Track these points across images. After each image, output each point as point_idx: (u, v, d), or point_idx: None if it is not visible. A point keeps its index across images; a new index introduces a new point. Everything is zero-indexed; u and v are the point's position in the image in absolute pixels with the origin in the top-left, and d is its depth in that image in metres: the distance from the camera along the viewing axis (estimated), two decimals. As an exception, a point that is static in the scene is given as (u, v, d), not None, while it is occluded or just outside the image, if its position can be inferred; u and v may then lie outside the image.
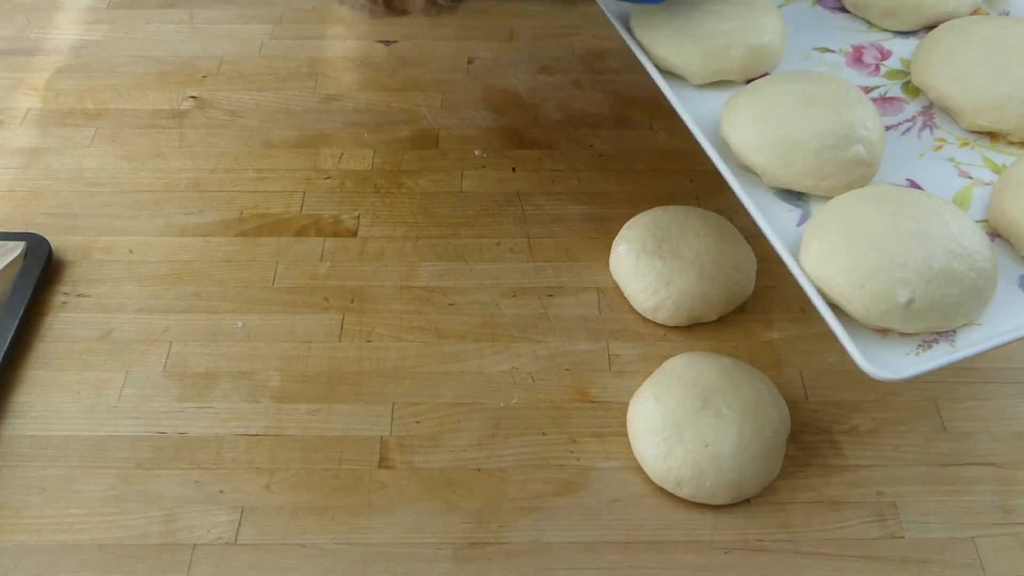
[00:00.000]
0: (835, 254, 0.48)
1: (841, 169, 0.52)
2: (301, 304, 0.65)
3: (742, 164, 0.55)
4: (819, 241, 0.49)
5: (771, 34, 0.59)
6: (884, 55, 0.62)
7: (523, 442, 0.58)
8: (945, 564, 0.52)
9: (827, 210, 0.51)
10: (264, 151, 0.75)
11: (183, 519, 0.54)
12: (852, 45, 0.63)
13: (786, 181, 0.53)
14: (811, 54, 0.62)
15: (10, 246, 0.65)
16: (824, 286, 0.49)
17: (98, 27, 0.86)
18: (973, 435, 0.58)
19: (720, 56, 0.58)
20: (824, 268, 0.49)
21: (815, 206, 0.54)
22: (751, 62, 0.59)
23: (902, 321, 0.47)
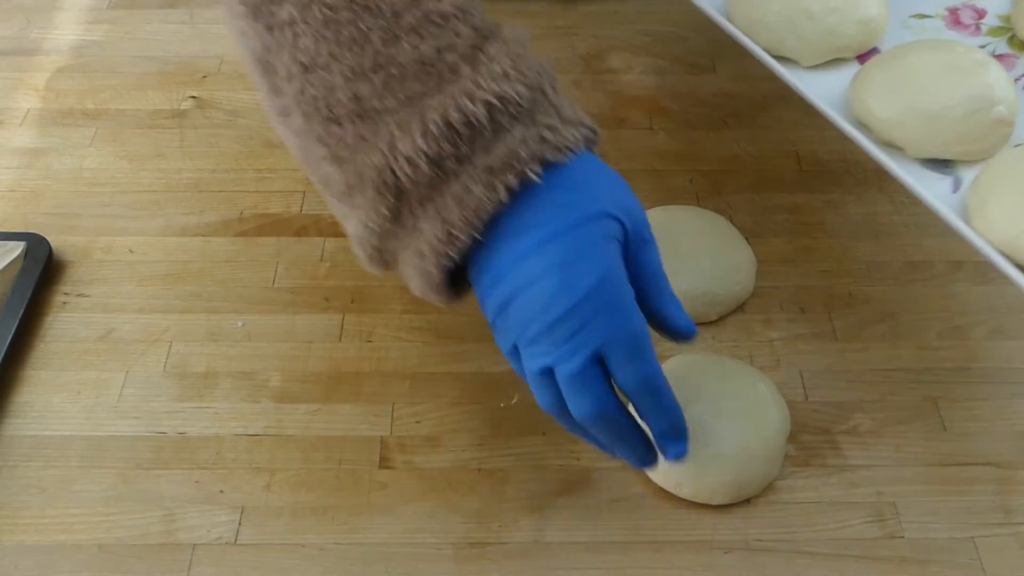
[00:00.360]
0: (1015, 214, 0.48)
1: (987, 131, 0.53)
2: (301, 304, 0.65)
3: (883, 140, 0.55)
4: (994, 205, 0.49)
5: (878, 6, 0.59)
6: (980, 14, 0.62)
7: (523, 442, 0.58)
8: (945, 564, 0.52)
9: (989, 173, 0.51)
10: (264, 151, 0.75)
11: (183, 519, 0.54)
12: (947, 8, 0.63)
13: (934, 151, 0.54)
14: (910, 22, 0.62)
15: (10, 246, 0.65)
16: (1008, 248, 0.48)
17: (98, 27, 0.86)
18: (973, 435, 0.58)
19: (834, 34, 0.58)
20: (1005, 230, 0.49)
21: (964, 171, 0.54)
22: (863, 37, 0.59)
23: None
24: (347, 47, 0.45)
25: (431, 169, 0.45)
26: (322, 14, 0.46)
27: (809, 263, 0.67)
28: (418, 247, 0.47)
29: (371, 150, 0.46)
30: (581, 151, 0.48)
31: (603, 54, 0.84)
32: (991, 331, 0.63)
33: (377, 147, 0.46)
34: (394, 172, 0.45)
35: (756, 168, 0.74)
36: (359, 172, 0.46)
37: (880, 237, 0.69)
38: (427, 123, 0.45)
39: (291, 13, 0.46)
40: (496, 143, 0.45)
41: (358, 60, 0.45)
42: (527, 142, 0.46)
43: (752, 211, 0.71)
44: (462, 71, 0.46)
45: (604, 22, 0.88)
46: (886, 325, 0.64)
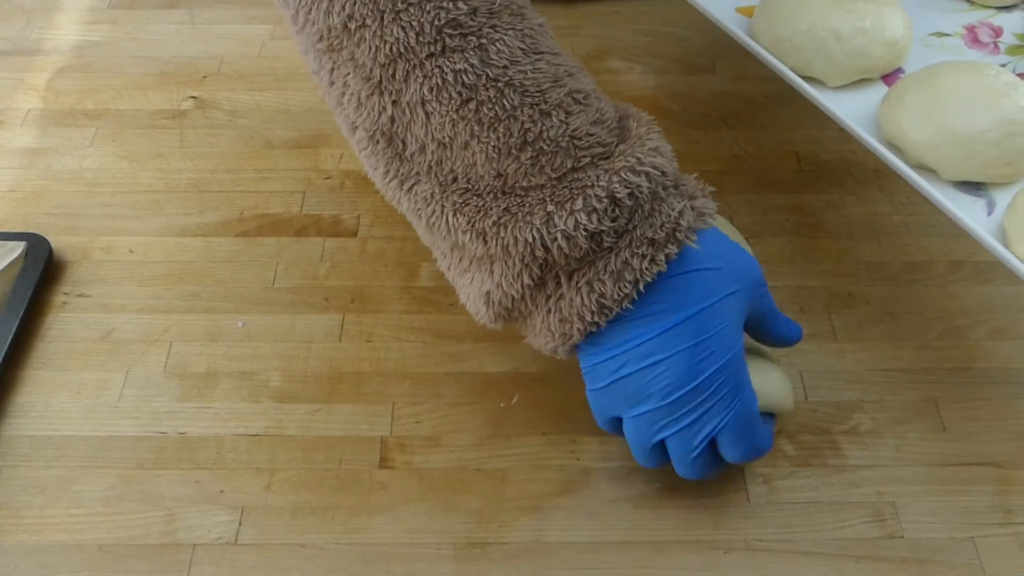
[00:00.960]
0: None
1: (1021, 153, 0.54)
2: (301, 304, 0.65)
3: (915, 162, 0.55)
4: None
5: (903, 28, 0.60)
6: (996, 32, 0.63)
7: (523, 442, 0.58)
8: (945, 564, 0.52)
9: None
10: (264, 151, 0.75)
11: (183, 519, 0.54)
12: (963, 26, 0.63)
13: (968, 174, 0.54)
14: (929, 40, 0.63)
15: (10, 246, 0.65)
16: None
17: (98, 27, 0.86)
18: (973, 435, 0.58)
19: (861, 55, 0.58)
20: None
21: (997, 194, 0.54)
22: (890, 58, 0.59)
23: None
24: (490, 127, 0.45)
25: (589, 243, 0.45)
26: (459, 95, 0.45)
27: (809, 263, 0.67)
28: (561, 313, 0.47)
29: (520, 225, 0.46)
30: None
31: (603, 54, 0.84)
32: (991, 331, 0.63)
33: (529, 222, 0.45)
34: (546, 247, 0.46)
35: (756, 168, 0.74)
36: (504, 245, 0.46)
37: (880, 237, 0.69)
38: (589, 198, 0.45)
39: (422, 93, 0.45)
40: (656, 215, 0.46)
41: (504, 139, 0.45)
42: (685, 212, 0.47)
43: (752, 211, 0.71)
44: (616, 147, 0.46)
45: (604, 22, 0.88)
46: (886, 325, 0.64)
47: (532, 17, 0.47)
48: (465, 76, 0.44)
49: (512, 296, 0.48)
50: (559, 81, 0.46)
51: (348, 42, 0.46)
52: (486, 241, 0.47)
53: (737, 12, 0.64)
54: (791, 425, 0.58)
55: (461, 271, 0.50)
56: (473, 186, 0.46)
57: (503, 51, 0.45)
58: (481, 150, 0.45)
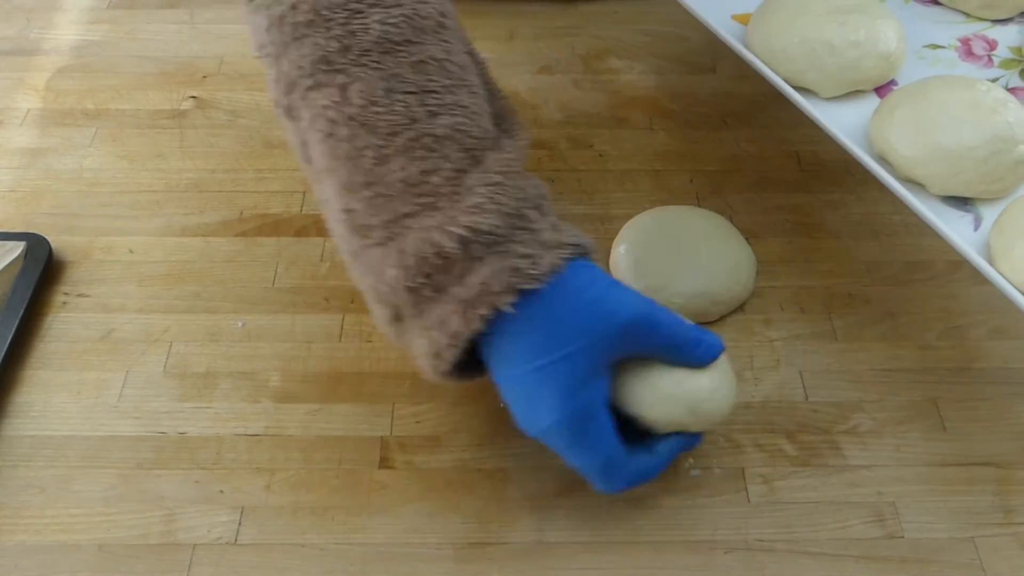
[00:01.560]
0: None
1: (1008, 170, 0.54)
2: (301, 304, 0.65)
3: (903, 176, 0.55)
4: (1020, 245, 0.50)
5: (897, 40, 0.60)
6: (991, 45, 0.63)
7: (523, 442, 0.57)
8: (945, 564, 0.52)
9: (1014, 214, 0.52)
10: (264, 151, 0.75)
11: (183, 519, 0.54)
12: (958, 38, 0.63)
13: (955, 189, 0.54)
14: (924, 52, 0.63)
15: (10, 246, 0.65)
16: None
17: (98, 27, 0.86)
18: (973, 435, 0.58)
19: (854, 68, 0.59)
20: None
21: (984, 209, 0.55)
22: (883, 70, 0.59)
23: None
24: (343, 162, 0.46)
25: (410, 296, 0.47)
26: (324, 128, 0.46)
27: (809, 263, 0.67)
28: (418, 348, 0.49)
29: (360, 266, 0.48)
30: (563, 272, 0.47)
31: (603, 54, 0.84)
32: (991, 331, 0.63)
33: (368, 265, 0.48)
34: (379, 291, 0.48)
35: (756, 168, 0.74)
36: (356, 278, 0.50)
37: (880, 237, 0.69)
38: (403, 256, 0.46)
39: (307, 121, 0.47)
40: (469, 275, 0.46)
41: (351, 176, 0.46)
42: (499, 274, 0.46)
43: (752, 211, 0.71)
44: (440, 202, 0.46)
45: (604, 22, 0.88)
46: (886, 325, 0.64)
47: (426, 51, 0.47)
48: (328, 111, 0.46)
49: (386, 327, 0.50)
50: (415, 123, 0.46)
51: (266, 66, 0.49)
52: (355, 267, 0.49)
53: (733, 19, 0.64)
54: (791, 425, 0.58)
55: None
56: (339, 218, 0.49)
57: (363, 90, 0.45)
58: (332, 184, 0.47)
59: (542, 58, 0.83)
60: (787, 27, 0.59)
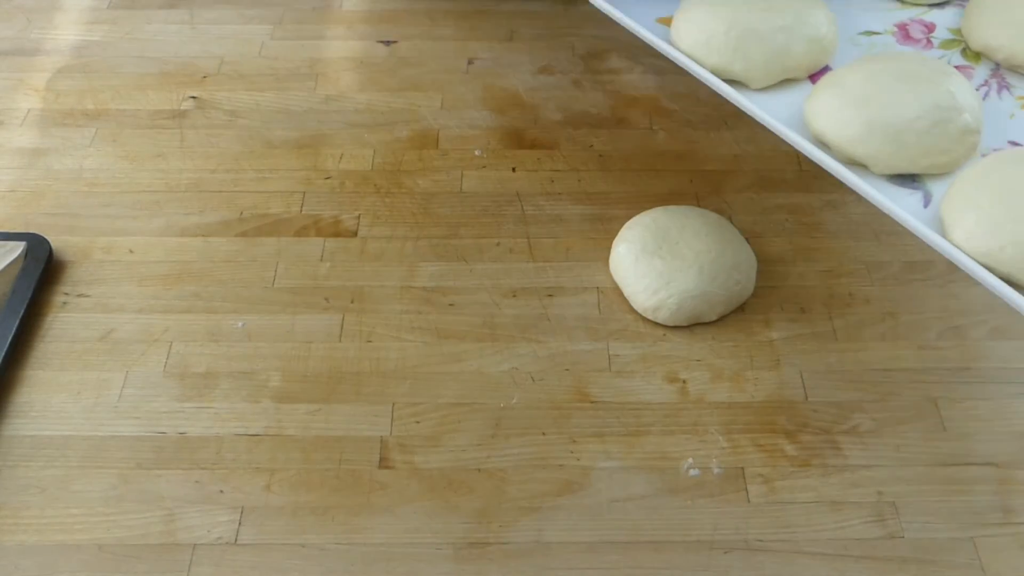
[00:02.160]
0: (997, 224, 0.46)
1: (954, 142, 0.51)
2: (301, 304, 0.65)
3: (845, 157, 0.52)
4: (972, 214, 0.47)
5: (827, 24, 0.57)
6: (929, 28, 0.62)
7: (523, 442, 0.58)
8: (945, 564, 0.52)
9: (963, 184, 0.49)
10: (264, 151, 0.75)
11: (183, 519, 0.54)
12: (895, 24, 0.62)
13: (900, 166, 0.51)
14: (859, 39, 0.61)
15: (10, 246, 0.65)
16: (993, 261, 0.46)
17: (98, 27, 0.86)
18: (973, 435, 0.58)
19: (783, 54, 0.56)
20: (986, 241, 0.47)
21: (933, 186, 0.52)
22: (814, 56, 0.57)
23: None
24: None
25: None
26: None
27: (809, 263, 0.67)
28: None
29: None
30: None
31: (603, 54, 0.84)
32: (991, 331, 0.63)
33: None
34: None
35: (756, 168, 0.74)
36: None
37: (880, 237, 0.69)
38: None
39: None
40: None
41: None
42: None
43: (752, 211, 0.71)
44: None
45: (604, 22, 0.87)
46: (886, 325, 0.64)
47: None
48: None
49: None
50: None
51: None
52: None
53: (657, 22, 0.62)
54: (791, 425, 0.58)
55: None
56: None
57: None
58: None
59: (542, 58, 0.84)
60: (710, 18, 0.57)
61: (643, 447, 0.57)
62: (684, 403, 0.59)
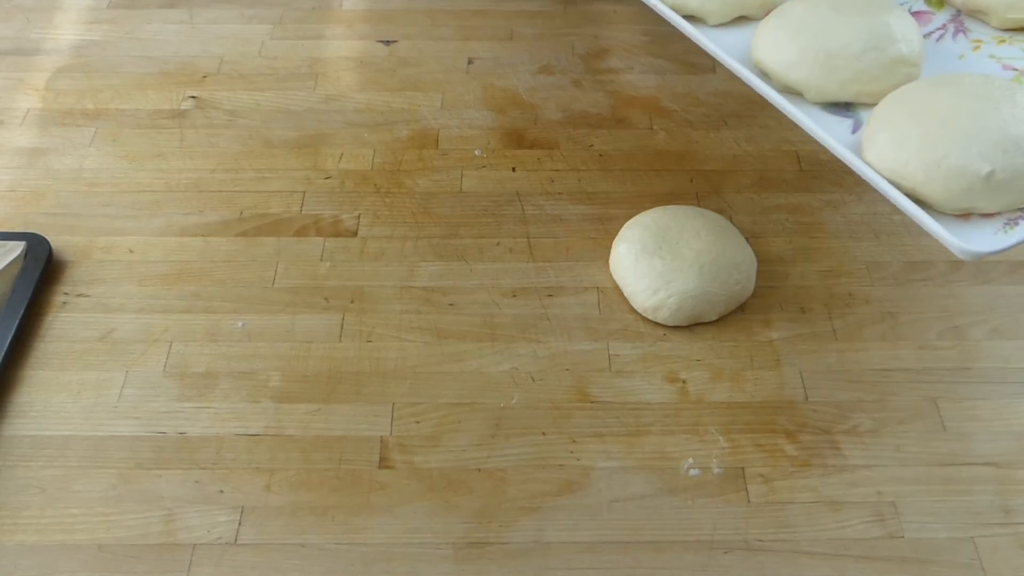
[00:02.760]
0: (904, 140, 0.47)
1: (886, 70, 0.52)
2: (301, 304, 0.65)
3: (783, 86, 0.54)
4: (884, 133, 0.48)
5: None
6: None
7: (523, 442, 0.58)
8: (945, 564, 0.52)
9: (884, 105, 0.50)
10: (264, 151, 0.75)
11: (183, 519, 0.54)
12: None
13: (832, 91, 0.52)
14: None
15: (10, 246, 0.65)
16: (897, 176, 0.47)
17: (98, 27, 0.86)
18: (973, 435, 0.58)
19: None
20: (894, 157, 0.48)
21: (864, 114, 0.53)
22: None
23: (985, 197, 0.46)
24: None
25: None
26: None
27: (809, 263, 0.67)
28: None
29: None
30: None
31: (603, 54, 0.84)
32: (991, 331, 0.63)
33: None
34: None
35: (756, 168, 0.74)
36: None
37: (880, 237, 0.69)
38: None
39: None
40: None
41: None
42: None
43: (752, 211, 0.71)
44: None
45: (604, 22, 0.88)
46: (886, 325, 0.64)
47: None
48: None
49: None
50: None
51: None
52: None
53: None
54: (791, 425, 0.58)
55: None
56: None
57: None
58: None
59: (542, 58, 0.84)
60: None
61: (643, 447, 0.57)
62: (684, 403, 0.59)
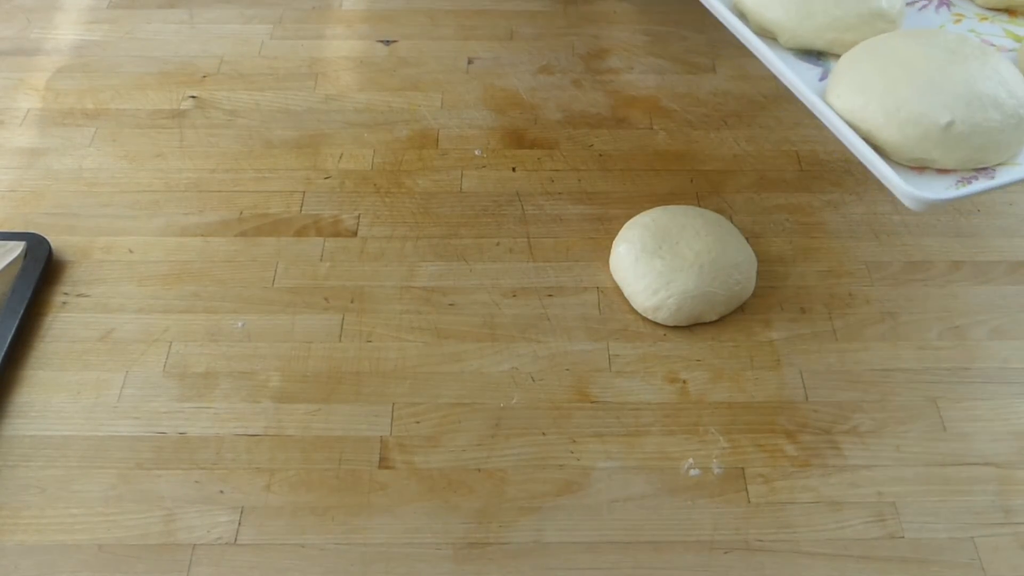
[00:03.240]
0: (867, 83, 0.47)
1: (863, 22, 0.52)
2: (301, 304, 0.65)
3: (759, 28, 0.54)
4: (849, 75, 0.48)
5: None
6: None
7: (523, 442, 0.58)
8: (945, 564, 0.52)
9: (854, 50, 0.50)
10: (264, 151, 0.75)
11: (183, 519, 0.54)
12: None
13: (806, 37, 0.52)
14: None
15: (10, 246, 0.65)
16: (856, 118, 0.47)
17: (98, 27, 0.86)
18: (973, 435, 0.58)
19: None
20: (855, 99, 0.47)
21: (835, 64, 0.53)
22: None
23: (941, 148, 0.45)
24: None
25: None
26: None
27: (809, 263, 0.67)
28: None
29: None
30: None
31: (603, 54, 0.84)
32: (991, 331, 0.63)
33: None
34: None
35: (756, 168, 0.74)
36: None
37: (880, 237, 0.69)
38: None
39: None
40: None
41: None
42: None
43: (752, 211, 0.71)
44: None
45: (604, 22, 0.88)
46: (886, 325, 0.64)
47: None
48: None
49: None
50: None
51: None
52: None
53: None
54: (791, 425, 0.58)
55: None
56: None
57: None
58: None
59: (542, 58, 0.84)
60: None
61: (643, 447, 0.57)
62: (684, 403, 0.59)
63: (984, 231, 0.70)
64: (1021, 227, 0.70)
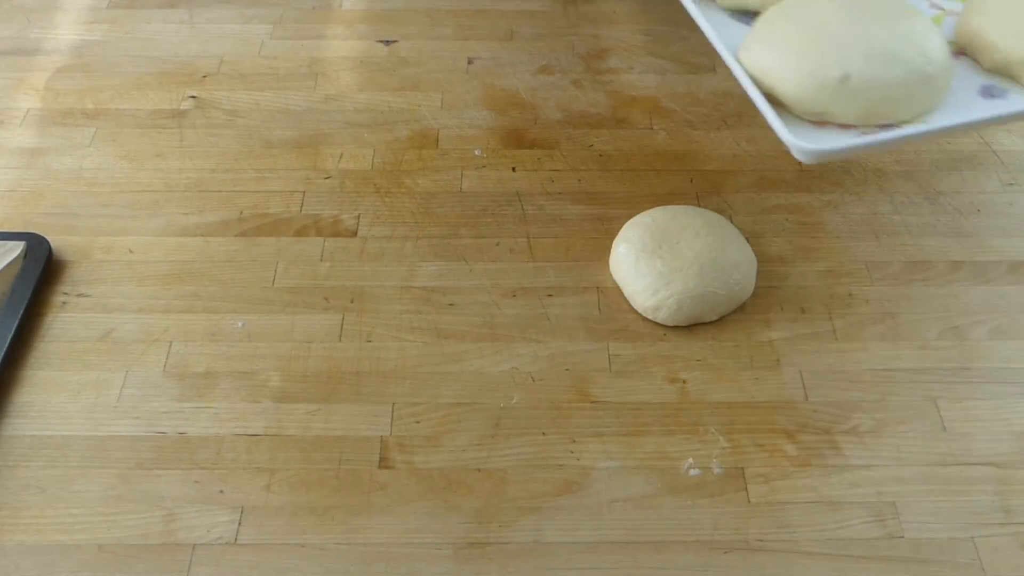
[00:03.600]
0: (774, 39, 0.48)
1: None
2: (301, 304, 0.65)
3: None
4: (762, 32, 0.49)
5: None
6: None
7: (523, 442, 0.58)
8: (945, 564, 0.52)
9: (774, 8, 0.51)
10: (264, 151, 0.75)
11: (183, 519, 0.54)
12: None
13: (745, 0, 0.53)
14: None
15: (10, 246, 0.65)
16: (760, 73, 0.48)
17: (98, 27, 0.86)
18: (973, 435, 0.58)
19: None
20: (760, 55, 0.48)
21: None
22: None
23: (837, 101, 0.45)
24: None
25: None
26: None
27: (809, 263, 0.67)
28: None
29: None
30: None
31: (603, 54, 0.84)
32: (991, 331, 0.63)
33: None
34: None
35: (756, 168, 0.74)
36: None
37: (880, 237, 0.69)
38: None
39: None
40: None
41: None
42: None
43: (752, 211, 0.71)
44: None
45: (604, 22, 0.88)
46: (886, 325, 0.64)
47: None
48: None
49: None
50: None
51: None
52: None
53: None
54: (791, 425, 0.58)
55: None
56: None
57: None
58: None
59: (542, 58, 0.84)
60: None
61: (643, 447, 0.57)
62: (684, 403, 0.59)
63: (984, 231, 0.70)
64: (1021, 227, 0.70)
